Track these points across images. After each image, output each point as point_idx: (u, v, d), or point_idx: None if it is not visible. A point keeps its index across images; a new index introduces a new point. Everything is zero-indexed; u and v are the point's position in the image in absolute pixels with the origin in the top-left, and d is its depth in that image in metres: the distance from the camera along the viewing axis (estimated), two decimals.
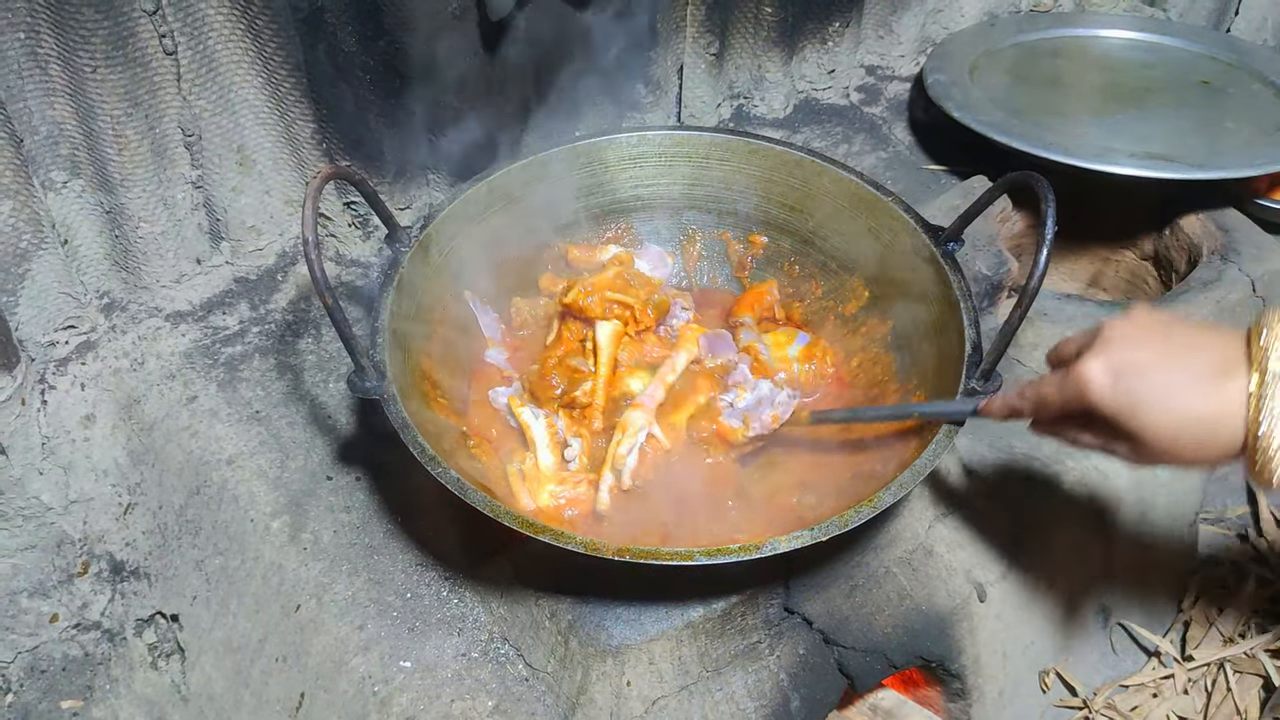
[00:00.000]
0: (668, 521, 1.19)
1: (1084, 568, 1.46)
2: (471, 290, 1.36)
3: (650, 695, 1.13)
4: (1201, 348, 0.93)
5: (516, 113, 1.52)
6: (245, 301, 1.52)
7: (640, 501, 1.20)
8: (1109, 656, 1.55)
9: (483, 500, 1.02)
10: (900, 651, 1.26)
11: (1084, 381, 0.94)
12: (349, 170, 1.14)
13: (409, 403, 1.10)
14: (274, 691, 1.27)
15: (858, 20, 1.89)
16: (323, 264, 0.98)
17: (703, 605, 1.15)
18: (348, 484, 1.34)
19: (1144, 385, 0.92)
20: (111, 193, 1.36)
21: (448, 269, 1.31)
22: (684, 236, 1.52)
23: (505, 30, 1.46)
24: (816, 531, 1.01)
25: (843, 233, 1.41)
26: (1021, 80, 1.91)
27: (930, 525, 1.33)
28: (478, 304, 1.36)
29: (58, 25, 1.21)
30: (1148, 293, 1.81)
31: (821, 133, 1.86)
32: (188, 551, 1.37)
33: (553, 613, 1.16)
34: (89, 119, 1.29)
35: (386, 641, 1.20)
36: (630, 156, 1.46)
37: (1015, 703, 1.44)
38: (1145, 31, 2.06)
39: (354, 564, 1.26)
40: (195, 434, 1.38)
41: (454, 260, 1.32)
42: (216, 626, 1.33)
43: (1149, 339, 0.94)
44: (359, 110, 1.43)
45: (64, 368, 1.40)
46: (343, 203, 1.54)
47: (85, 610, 1.40)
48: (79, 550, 1.40)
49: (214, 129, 1.39)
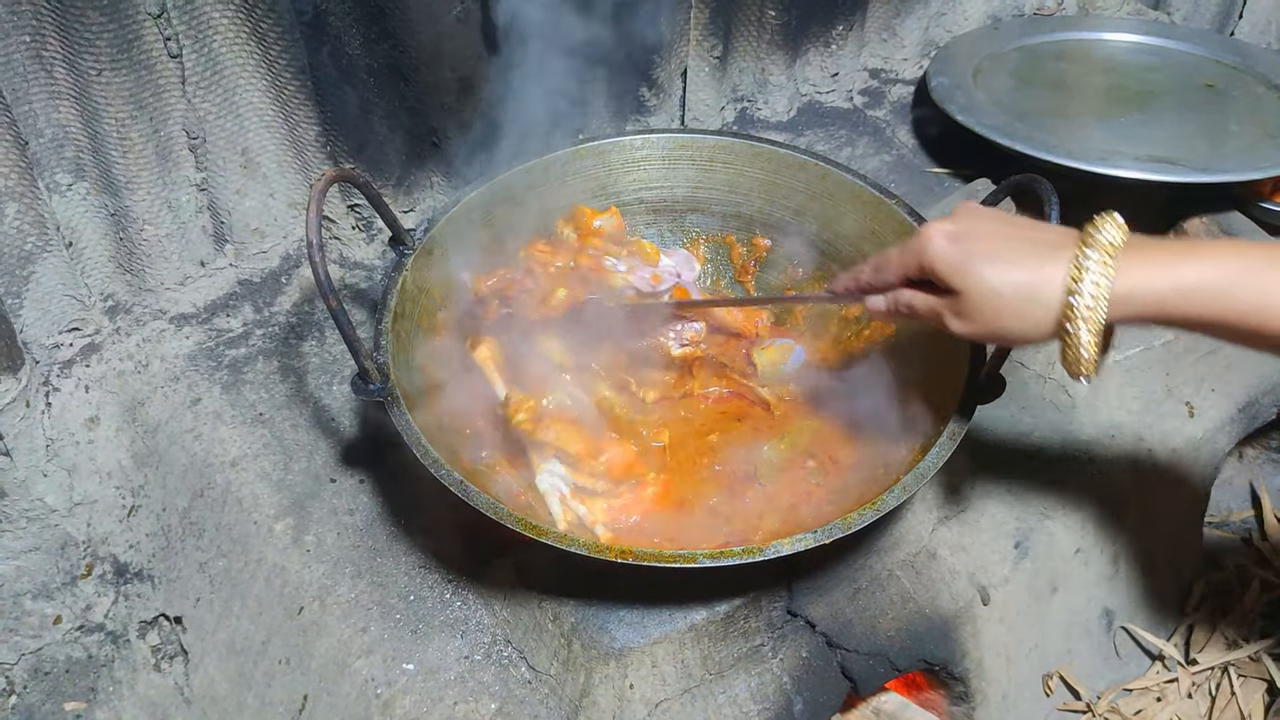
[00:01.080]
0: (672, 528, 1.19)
1: (1088, 571, 1.46)
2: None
3: (653, 698, 1.13)
4: (1039, 232, 0.98)
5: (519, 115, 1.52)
6: (249, 304, 1.52)
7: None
8: (1113, 660, 1.55)
9: (486, 502, 1.02)
10: (903, 655, 1.26)
11: (925, 239, 0.99)
12: (353, 173, 1.14)
13: (412, 405, 1.10)
14: (277, 694, 1.27)
15: (861, 23, 1.89)
16: (326, 266, 0.99)
17: (705, 608, 1.15)
18: (351, 486, 1.34)
19: (978, 247, 0.96)
20: (116, 195, 1.36)
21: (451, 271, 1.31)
22: (687, 239, 1.52)
23: (509, 33, 1.46)
24: (819, 534, 1.01)
25: (846, 236, 1.41)
26: (1025, 83, 1.91)
27: (933, 528, 1.33)
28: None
29: (63, 28, 1.21)
30: None
31: (825, 135, 1.86)
32: (191, 554, 1.37)
33: (556, 615, 1.16)
34: (94, 122, 1.29)
35: (389, 644, 1.20)
36: (634, 159, 1.46)
37: (1019, 706, 1.44)
38: (1149, 35, 2.05)
39: (357, 566, 1.26)
40: (199, 436, 1.38)
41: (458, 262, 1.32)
42: (220, 629, 1.33)
43: (994, 218, 1.00)
44: (363, 113, 1.43)
45: (68, 370, 1.40)
46: (346, 205, 1.55)
47: (89, 612, 1.40)
48: (83, 552, 1.40)
49: (218, 132, 1.39)
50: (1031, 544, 1.37)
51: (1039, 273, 0.93)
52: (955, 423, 1.11)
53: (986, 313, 0.96)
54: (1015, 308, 0.94)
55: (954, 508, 1.36)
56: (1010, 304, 0.94)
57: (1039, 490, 1.41)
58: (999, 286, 0.94)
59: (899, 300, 1.05)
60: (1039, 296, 0.93)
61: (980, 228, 0.97)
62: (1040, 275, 0.93)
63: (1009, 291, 0.94)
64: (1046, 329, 0.94)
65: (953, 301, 0.98)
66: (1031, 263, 0.94)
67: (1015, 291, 0.94)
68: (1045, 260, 0.93)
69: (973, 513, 1.36)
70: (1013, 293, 0.94)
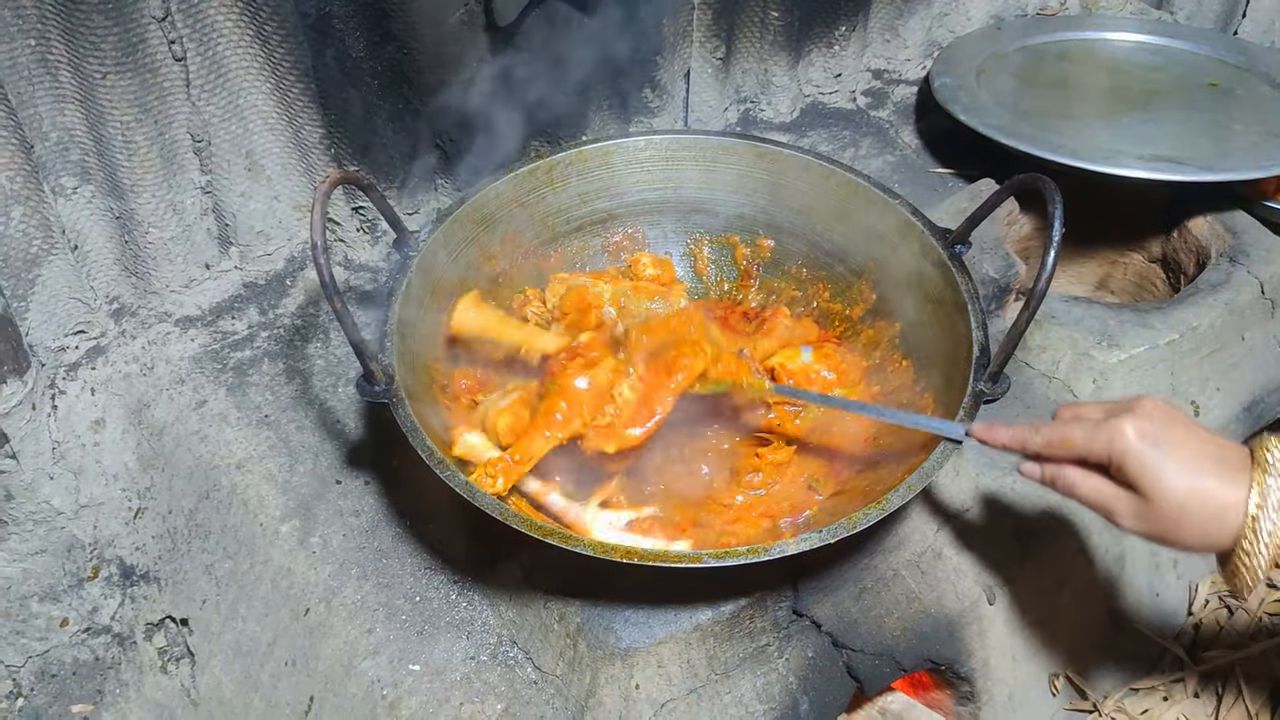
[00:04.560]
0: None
1: (1094, 570, 1.46)
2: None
3: (659, 698, 1.13)
4: (1223, 448, 1.00)
5: (523, 117, 1.52)
6: (254, 306, 1.52)
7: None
8: (1119, 660, 1.55)
9: (491, 503, 1.02)
10: (909, 654, 1.26)
11: (1120, 433, 1.00)
12: (357, 175, 1.14)
13: (418, 406, 1.10)
14: (283, 695, 1.27)
15: (864, 24, 1.89)
16: (331, 268, 0.99)
17: (711, 608, 1.15)
18: (357, 488, 1.34)
19: (1175, 453, 0.98)
20: (121, 198, 1.36)
21: (455, 273, 1.32)
22: (691, 240, 1.52)
23: (512, 36, 1.47)
24: (825, 534, 1.01)
25: (850, 236, 1.41)
26: (1028, 83, 1.90)
27: (939, 528, 1.33)
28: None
29: (68, 32, 1.21)
30: (1156, 295, 1.80)
31: (828, 136, 1.86)
32: (197, 555, 1.37)
33: (561, 616, 1.16)
34: (99, 125, 1.30)
35: (395, 645, 1.20)
36: (637, 160, 1.46)
37: (1025, 706, 1.44)
38: (1152, 34, 2.05)
39: (363, 568, 1.26)
40: (204, 438, 1.39)
41: (461, 264, 1.32)
42: (226, 630, 1.33)
43: (1184, 424, 1.01)
44: (367, 115, 1.44)
45: (74, 373, 1.41)
46: (351, 207, 1.55)
47: (95, 614, 1.40)
48: (89, 554, 1.40)
49: (223, 135, 1.40)
50: (1037, 543, 1.37)
51: (1229, 494, 0.96)
52: (961, 422, 1.11)
53: (1169, 522, 0.98)
54: (1199, 524, 0.98)
55: (959, 507, 1.36)
56: (1195, 519, 0.98)
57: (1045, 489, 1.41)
58: (1188, 502, 0.97)
59: (1061, 478, 1.06)
60: (1225, 516, 0.97)
61: (1174, 434, 0.99)
62: (1231, 496, 0.96)
63: (1197, 507, 0.97)
64: (1224, 546, 0.98)
65: (1134, 501, 1.00)
66: (1220, 482, 0.97)
67: (1204, 508, 0.97)
68: (1230, 480, 0.97)
69: (978, 512, 1.36)
70: (1200, 508, 0.97)
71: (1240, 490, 0.96)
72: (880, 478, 1.17)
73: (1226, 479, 0.97)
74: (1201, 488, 0.97)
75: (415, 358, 1.19)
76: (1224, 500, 0.96)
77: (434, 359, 1.25)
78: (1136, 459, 0.98)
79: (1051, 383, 1.49)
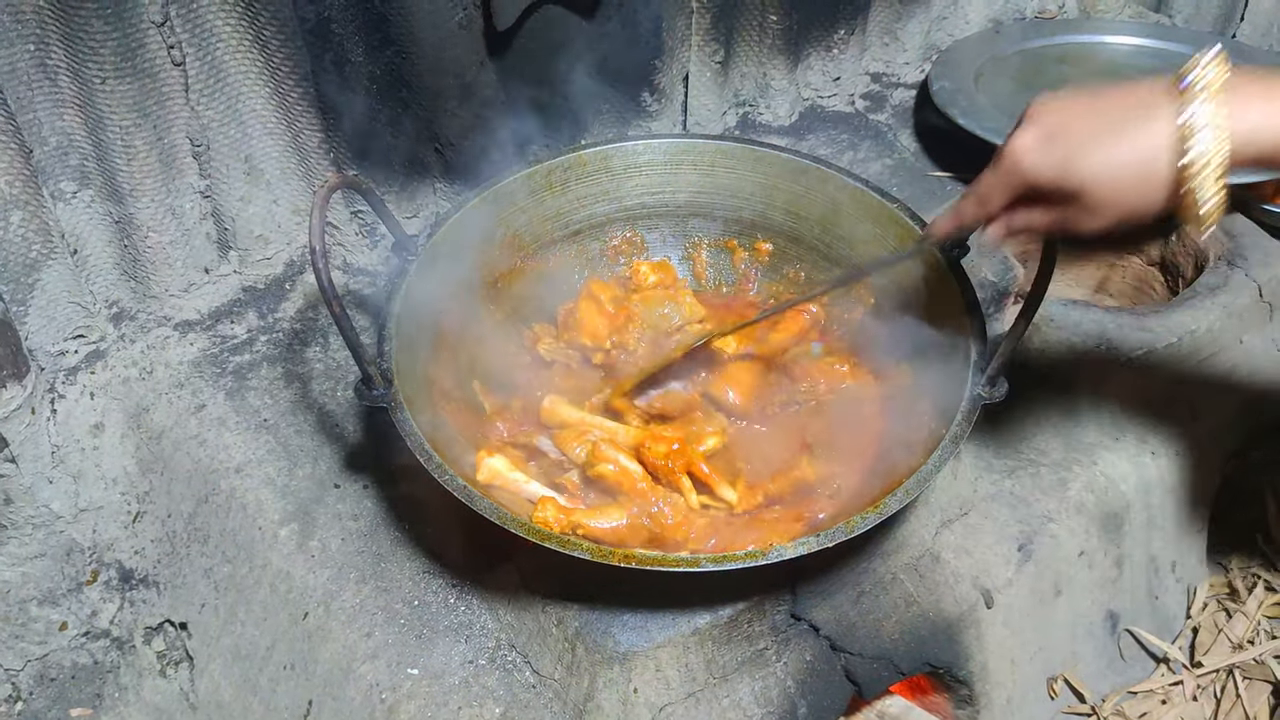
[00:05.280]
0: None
1: (1092, 574, 1.45)
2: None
3: (657, 702, 1.13)
4: (1125, 95, 0.92)
5: (522, 121, 1.52)
6: (253, 310, 1.52)
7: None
8: (1117, 663, 1.55)
9: (489, 507, 1.02)
10: (907, 658, 1.26)
11: (1016, 154, 0.95)
12: (356, 179, 1.14)
13: (416, 411, 1.10)
14: (282, 699, 1.27)
15: (863, 28, 1.89)
16: (330, 273, 0.99)
17: (709, 612, 1.15)
18: (355, 492, 1.34)
19: (1072, 140, 0.91)
20: (120, 203, 1.36)
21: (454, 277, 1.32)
22: (690, 244, 1.52)
23: (511, 39, 1.47)
24: (823, 537, 1.01)
25: (848, 239, 1.41)
26: (1027, 87, 1.90)
27: (937, 531, 1.33)
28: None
29: (67, 37, 1.22)
30: (1154, 298, 1.80)
31: (827, 140, 1.86)
32: (196, 559, 1.37)
33: (560, 620, 1.16)
34: (98, 130, 1.30)
35: (394, 649, 1.20)
36: (636, 163, 1.46)
37: (1023, 709, 1.44)
38: (1150, 37, 2.05)
39: (362, 571, 1.27)
40: (203, 442, 1.39)
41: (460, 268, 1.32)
42: (225, 634, 1.34)
43: (1072, 103, 0.94)
44: (366, 120, 1.44)
45: (73, 377, 1.41)
46: (350, 211, 1.55)
47: (94, 618, 1.40)
48: (88, 558, 1.41)
49: (222, 139, 1.40)
50: (1035, 547, 1.37)
51: (1143, 142, 0.88)
52: (959, 425, 1.11)
53: (1111, 202, 0.91)
54: (1134, 187, 0.90)
55: (957, 510, 1.36)
56: (1128, 188, 0.90)
57: (1042, 493, 1.41)
58: (1110, 175, 0.90)
59: (1014, 224, 1.00)
60: (1153, 167, 0.89)
61: (1062, 120, 0.93)
62: (1145, 145, 0.88)
63: (1123, 177, 0.90)
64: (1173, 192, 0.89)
65: (1073, 205, 0.93)
66: (1129, 133, 0.89)
67: (1129, 175, 0.89)
68: (1143, 124, 0.89)
69: (976, 516, 1.36)
70: (1127, 177, 0.90)
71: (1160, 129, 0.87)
72: (880, 480, 1.17)
73: (1140, 126, 0.88)
74: (1118, 153, 0.89)
75: (414, 362, 1.19)
76: (1142, 152, 0.88)
77: (433, 363, 1.24)
78: (1045, 169, 0.92)
79: (1051, 385, 1.49)
